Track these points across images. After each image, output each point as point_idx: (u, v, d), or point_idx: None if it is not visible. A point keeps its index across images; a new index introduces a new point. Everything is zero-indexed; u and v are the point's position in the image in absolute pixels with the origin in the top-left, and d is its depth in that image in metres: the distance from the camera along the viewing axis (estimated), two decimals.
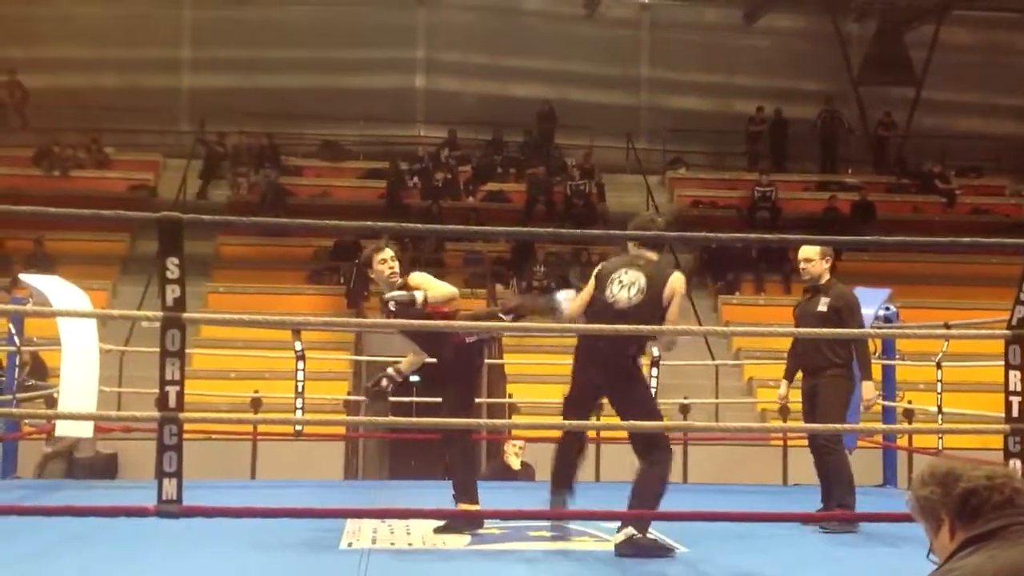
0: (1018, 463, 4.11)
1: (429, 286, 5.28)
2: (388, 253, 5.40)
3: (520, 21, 18.47)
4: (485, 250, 15.44)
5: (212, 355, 11.69)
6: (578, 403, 5.20)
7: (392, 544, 5.03)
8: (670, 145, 18.33)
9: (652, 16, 18.76)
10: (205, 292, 13.87)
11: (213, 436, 8.84)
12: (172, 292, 3.69)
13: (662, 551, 4.77)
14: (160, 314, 3.72)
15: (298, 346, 8.38)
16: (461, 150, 17.46)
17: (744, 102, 18.21)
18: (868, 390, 5.85)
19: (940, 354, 7.74)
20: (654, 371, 8.42)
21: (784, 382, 6.29)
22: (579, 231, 14.35)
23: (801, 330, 5.85)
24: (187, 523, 4.00)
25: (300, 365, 8.37)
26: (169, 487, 3.69)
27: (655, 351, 8.27)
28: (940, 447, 7.74)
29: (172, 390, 3.70)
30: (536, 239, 15.02)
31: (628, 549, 4.69)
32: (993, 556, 2.02)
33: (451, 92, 18.32)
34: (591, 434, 8.88)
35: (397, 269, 5.37)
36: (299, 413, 8.28)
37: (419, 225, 5.69)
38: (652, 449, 4.91)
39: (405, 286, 5.30)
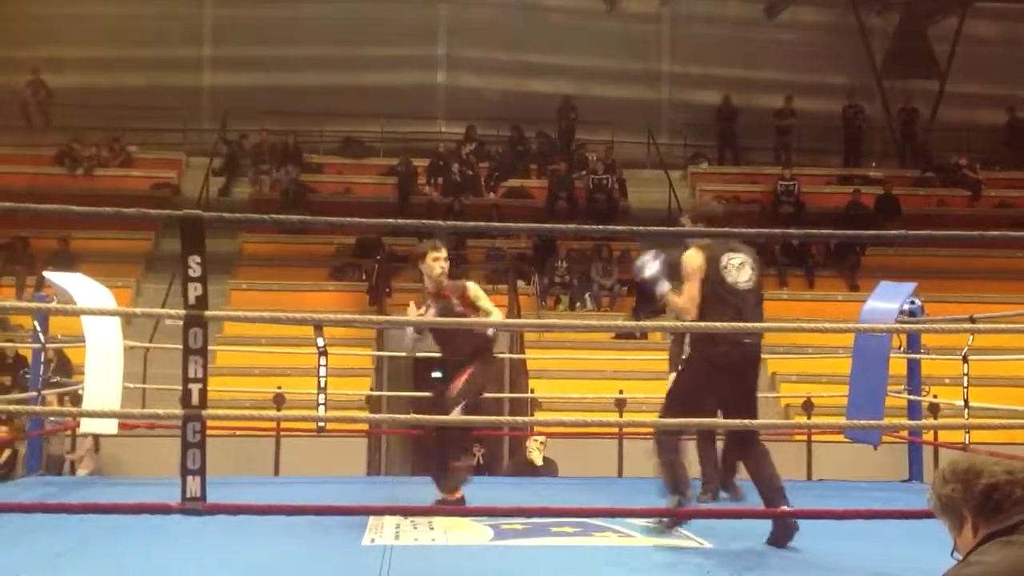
0: None
1: (489, 310, 5.65)
2: (443, 252, 5.72)
3: (541, 16, 18.44)
4: (506, 246, 15.43)
5: (235, 352, 11.75)
6: (699, 405, 4.93)
7: (415, 540, 5.03)
8: (691, 140, 18.26)
9: (673, 10, 18.69)
10: (228, 289, 13.93)
11: (237, 433, 8.87)
12: (194, 290, 3.70)
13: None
14: (182, 312, 3.73)
15: (320, 342, 8.39)
16: (482, 146, 17.46)
17: (766, 96, 18.10)
18: None
19: (966, 348, 7.67)
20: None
21: None
22: (601, 227, 14.30)
23: (827, 325, 5.81)
24: (211, 520, 4.02)
25: (322, 361, 8.38)
26: (193, 484, 3.71)
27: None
28: (967, 442, 7.68)
29: (195, 387, 3.71)
30: (558, 235, 14.99)
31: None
32: (1013, 552, 2.01)
33: (472, 88, 18.31)
34: (615, 430, 8.90)
35: (447, 268, 5.73)
36: (322, 409, 8.29)
37: (440, 222, 5.76)
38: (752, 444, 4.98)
39: (463, 294, 5.67)
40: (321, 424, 8.67)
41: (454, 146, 17.30)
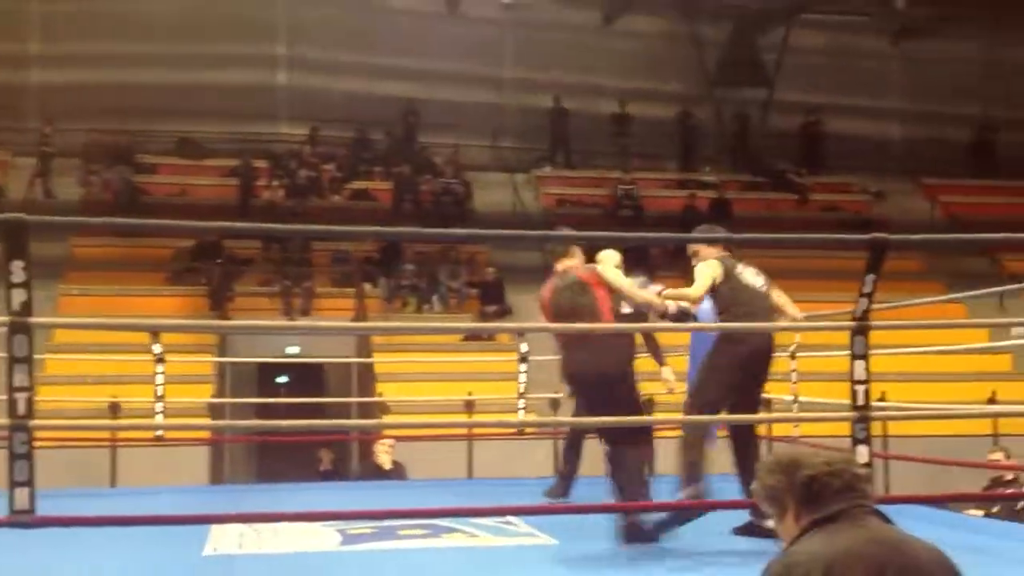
0: (864, 449, 4.29)
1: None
2: None
3: (383, 18, 18.35)
4: (352, 249, 15.31)
5: (66, 360, 11.27)
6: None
7: (259, 548, 4.96)
8: (535, 143, 18.51)
9: (515, 15, 18.90)
10: (57, 295, 13.36)
11: (68, 444, 8.52)
12: (18, 296, 3.58)
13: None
14: (6, 319, 3.60)
15: (157, 349, 8.15)
16: (325, 148, 17.25)
17: (606, 102, 18.52)
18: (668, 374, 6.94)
19: (793, 345, 8.05)
20: None
21: None
22: (445, 231, 14.36)
23: (662, 325, 6.00)
24: (43, 533, 3.86)
25: (159, 368, 8.14)
26: (21, 496, 3.57)
27: None
28: (796, 435, 8.04)
29: (21, 397, 3.58)
30: (399, 239, 14.97)
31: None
32: (832, 539, 2.14)
33: (315, 89, 18.07)
34: (464, 431, 8.97)
35: None
36: (160, 418, 8.06)
37: (281, 225, 5.65)
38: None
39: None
40: (159, 432, 8.42)
41: (296, 147, 17.05)
